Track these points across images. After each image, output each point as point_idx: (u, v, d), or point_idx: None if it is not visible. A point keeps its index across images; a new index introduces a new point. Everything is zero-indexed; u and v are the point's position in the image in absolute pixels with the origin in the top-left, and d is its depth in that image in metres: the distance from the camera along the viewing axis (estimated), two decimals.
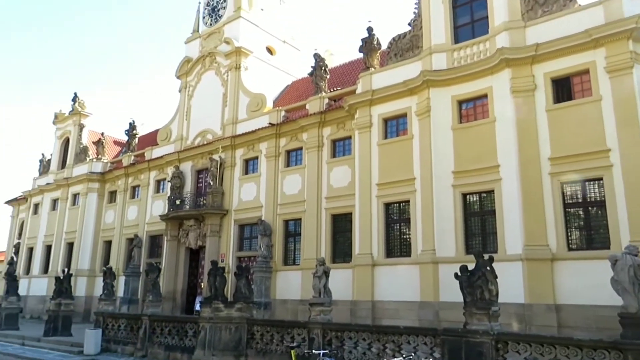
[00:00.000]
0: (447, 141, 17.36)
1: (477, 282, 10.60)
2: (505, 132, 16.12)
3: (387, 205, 18.93)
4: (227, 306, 15.42)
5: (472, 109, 17.43)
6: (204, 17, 32.34)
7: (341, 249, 21.38)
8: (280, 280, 22.86)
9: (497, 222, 15.84)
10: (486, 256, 11.02)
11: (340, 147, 22.59)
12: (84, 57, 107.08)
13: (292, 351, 11.02)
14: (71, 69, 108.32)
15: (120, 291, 29.06)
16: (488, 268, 10.69)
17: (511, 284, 14.29)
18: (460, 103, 17.59)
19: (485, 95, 17.01)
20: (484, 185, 16.36)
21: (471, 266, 11.11)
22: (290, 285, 22.31)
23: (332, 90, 24.76)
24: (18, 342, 21.85)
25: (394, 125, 19.48)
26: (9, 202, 46.06)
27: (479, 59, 17.28)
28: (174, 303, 27.36)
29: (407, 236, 18.26)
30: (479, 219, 16.57)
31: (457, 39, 18.29)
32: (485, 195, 16.53)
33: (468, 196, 16.86)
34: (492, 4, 17.50)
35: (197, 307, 23.55)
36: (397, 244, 18.55)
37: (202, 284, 25.99)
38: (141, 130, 38.33)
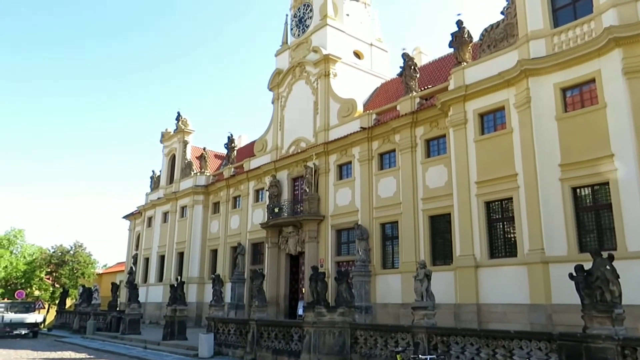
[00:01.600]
0: (552, 132, 16.28)
1: (595, 283, 9.76)
2: (618, 118, 14.79)
3: (488, 204, 18.15)
4: (330, 311, 15.59)
5: (578, 95, 16.20)
6: (291, 29, 33.28)
7: (441, 250, 20.83)
8: (379, 284, 22.74)
9: (615, 216, 14.54)
10: (604, 254, 10.13)
11: (435, 147, 22.07)
12: (183, 76, 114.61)
13: (398, 355, 10.89)
14: (172, 87, 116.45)
15: (227, 297, 30.58)
16: (608, 267, 9.80)
17: (636, 283, 13.01)
18: (564, 91, 16.43)
19: (593, 80, 15.74)
20: (597, 177, 15.11)
21: (587, 265, 10.27)
22: (390, 289, 22.11)
23: (423, 89, 24.30)
24: (141, 346, 23.74)
25: (491, 120, 18.67)
26: (126, 217, 50.42)
27: (582, 41, 16.04)
28: (277, 308, 28.26)
29: (512, 235, 17.36)
30: (592, 214, 15.32)
31: (556, 22, 17.14)
32: (598, 187, 15.26)
33: (578, 190, 15.67)
34: None
35: (300, 311, 24.10)
36: (501, 244, 17.72)
37: (304, 289, 26.60)
38: (239, 142, 40.24)
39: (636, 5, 15.03)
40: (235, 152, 37.22)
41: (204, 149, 40.19)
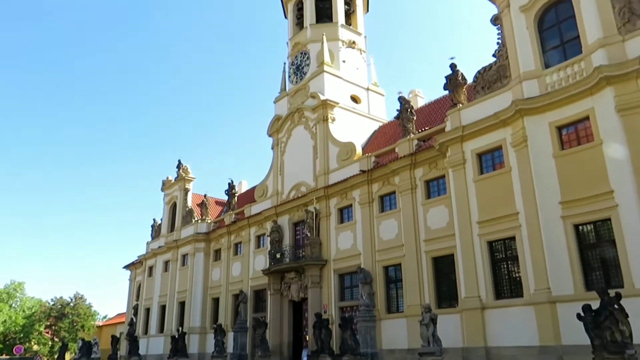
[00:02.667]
0: (550, 170, 16.36)
1: (605, 323, 9.59)
2: (615, 154, 14.88)
3: (491, 244, 18.01)
4: (335, 359, 15.22)
5: (573, 133, 16.37)
6: (289, 76, 33.99)
7: (446, 292, 20.50)
8: (385, 329, 22.24)
9: (619, 253, 14.38)
10: (611, 292, 9.97)
11: (435, 188, 22.09)
12: (183, 123, 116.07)
13: None
14: (172, 135, 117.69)
15: (230, 347, 29.86)
16: (616, 306, 9.65)
17: None
18: (560, 129, 16.61)
19: (587, 118, 15.94)
20: (598, 214, 15.06)
21: (595, 304, 10.09)
22: (396, 334, 21.60)
23: (420, 130, 24.57)
24: None
25: (489, 160, 18.80)
26: (127, 267, 49.90)
27: (574, 80, 16.36)
28: (281, 356, 27.54)
29: (517, 275, 17.13)
30: (596, 251, 15.17)
31: (547, 63, 17.54)
32: (600, 224, 15.18)
33: (581, 227, 15.57)
34: (583, 22, 16.66)
35: None
36: (506, 284, 17.47)
37: (308, 336, 25.99)
38: (240, 189, 40.32)
39: (623, 45, 15.44)
40: (235, 198, 37.24)
41: (205, 196, 40.24)
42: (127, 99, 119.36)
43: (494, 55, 19.74)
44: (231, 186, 37.33)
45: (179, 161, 41.90)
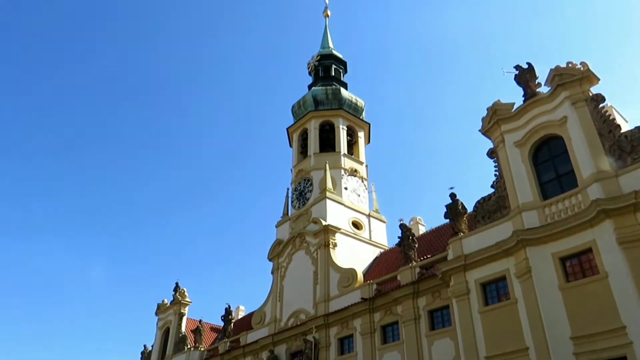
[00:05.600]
0: (557, 303, 15.94)
1: None
2: (622, 289, 14.60)
3: None
4: None
5: (577, 265, 16.24)
6: (292, 201, 34.72)
7: None
8: None
9: None
10: None
11: (439, 318, 21.39)
12: (180, 246, 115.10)
13: None
14: (168, 258, 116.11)
15: None
16: None
17: None
18: (563, 260, 16.52)
19: (590, 250, 15.93)
20: (613, 351, 14.36)
21: None
22: None
23: (422, 258, 24.40)
24: None
25: (494, 290, 18.41)
26: None
27: (573, 212, 16.64)
28: None
29: None
30: None
31: (545, 195, 18.01)
32: None
33: None
34: (576, 158, 17.40)
35: None
36: None
37: None
38: (236, 314, 39.03)
39: (617, 180, 15.93)
40: (232, 324, 35.79)
41: (200, 321, 38.73)
42: (119, 223, 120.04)
43: (492, 187, 20.31)
44: (228, 312, 36.10)
45: (177, 284, 41.08)
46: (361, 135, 37.31)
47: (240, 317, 40.92)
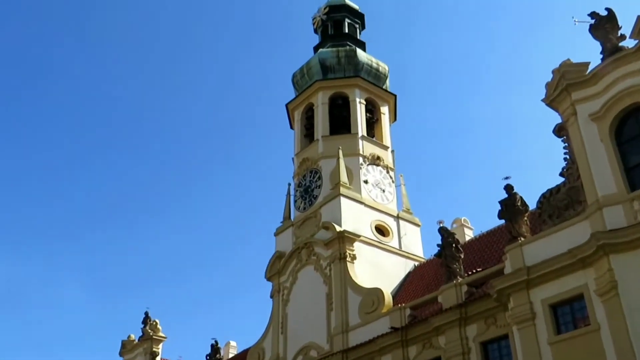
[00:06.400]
0: None
1: None
2: None
3: None
4: None
5: None
6: (295, 201, 34.79)
7: None
8: None
9: None
10: None
11: (496, 352, 21.46)
12: (150, 265, 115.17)
13: None
14: (139, 284, 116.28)
15: None
16: None
17: None
18: None
19: None
20: None
21: None
22: None
23: (470, 273, 24.31)
24: None
25: (568, 313, 18.39)
26: None
27: None
28: None
29: None
30: None
31: (632, 184, 17.86)
32: None
33: None
34: None
35: None
36: None
37: None
38: (226, 352, 39.13)
39: None
40: None
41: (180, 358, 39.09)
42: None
43: (561, 175, 20.20)
44: (215, 349, 36.13)
45: (147, 314, 41.36)
46: (385, 110, 37.26)
47: (231, 355, 41.07)
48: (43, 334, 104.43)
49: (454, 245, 24.52)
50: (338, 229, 29.88)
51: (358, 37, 41.45)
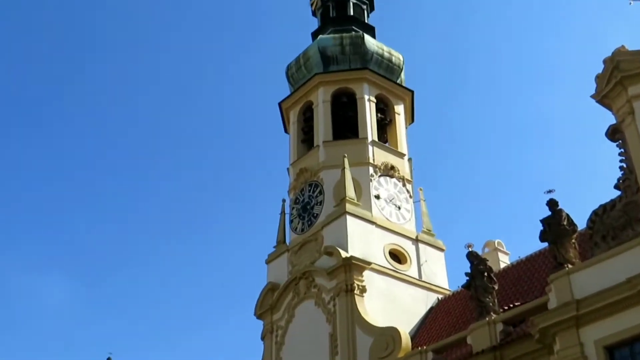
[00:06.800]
0: None
1: None
2: None
3: None
4: None
5: None
6: (291, 221, 34.80)
7: None
8: None
9: None
10: None
11: None
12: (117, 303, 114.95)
13: None
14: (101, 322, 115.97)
15: None
16: None
17: None
18: None
19: None
20: None
21: None
22: None
23: (506, 308, 24.29)
24: None
25: (627, 357, 18.21)
26: None
27: None
28: None
29: None
30: None
31: None
32: None
33: None
34: None
35: None
36: None
37: None
38: None
39: None
40: None
41: None
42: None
43: (616, 187, 20.24)
44: None
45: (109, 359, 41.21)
46: (399, 110, 37.42)
47: None
48: None
49: (486, 274, 24.39)
50: (344, 254, 29.74)
51: (366, 21, 41.70)
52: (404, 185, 34.93)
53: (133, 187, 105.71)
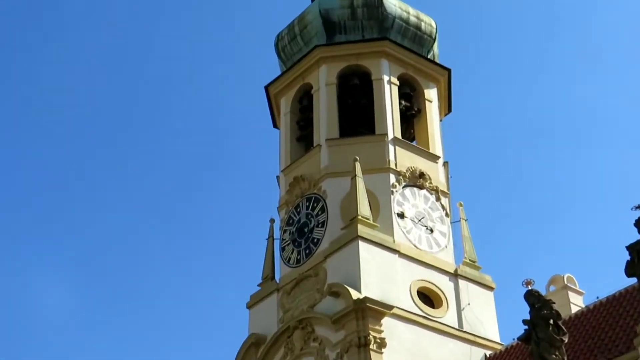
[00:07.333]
0: None
1: None
2: None
3: None
4: None
5: None
6: (282, 250, 34.25)
7: None
8: None
9: None
10: None
11: None
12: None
13: None
14: None
15: None
16: None
17: None
18: None
19: None
20: None
21: None
22: None
23: None
24: None
25: None
26: None
27: None
28: None
29: None
30: None
31: None
32: None
33: None
34: None
35: None
36: None
37: None
38: None
39: None
40: None
41: None
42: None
43: None
44: None
45: None
46: (432, 96, 37.07)
47: None
48: None
49: (551, 321, 23.69)
50: (355, 295, 29.02)
51: None
52: (437, 199, 34.41)
53: None
